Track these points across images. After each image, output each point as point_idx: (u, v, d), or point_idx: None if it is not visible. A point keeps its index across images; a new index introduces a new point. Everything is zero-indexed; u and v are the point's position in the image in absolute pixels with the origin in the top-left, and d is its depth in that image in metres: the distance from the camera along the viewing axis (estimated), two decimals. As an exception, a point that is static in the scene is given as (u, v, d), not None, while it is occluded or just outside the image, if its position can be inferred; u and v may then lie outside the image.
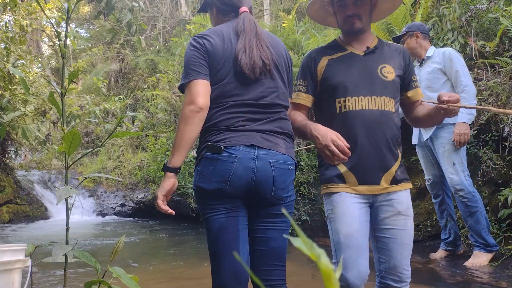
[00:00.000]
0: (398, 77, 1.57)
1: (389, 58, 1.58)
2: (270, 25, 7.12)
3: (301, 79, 1.65)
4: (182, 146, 1.34)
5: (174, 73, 8.00)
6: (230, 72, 1.39)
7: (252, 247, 1.44)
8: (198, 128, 1.35)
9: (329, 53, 1.62)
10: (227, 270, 1.39)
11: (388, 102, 1.52)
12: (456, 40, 3.84)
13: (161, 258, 3.72)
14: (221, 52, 1.40)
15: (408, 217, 1.50)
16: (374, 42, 1.62)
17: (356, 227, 1.46)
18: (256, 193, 1.37)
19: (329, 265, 0.26)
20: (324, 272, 0.27)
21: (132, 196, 7.76)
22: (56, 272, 3.05)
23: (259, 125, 1.39)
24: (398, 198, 1.50)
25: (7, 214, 6.53)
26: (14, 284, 1.15)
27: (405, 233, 1.48)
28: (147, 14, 11.46)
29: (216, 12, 1.57)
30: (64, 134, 1.15)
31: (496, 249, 2.90)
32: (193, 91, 1.34)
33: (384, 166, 1.49)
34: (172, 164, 1.35)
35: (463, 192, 2.86)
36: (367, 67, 1.55)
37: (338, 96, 1.54)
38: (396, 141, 1.53)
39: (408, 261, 1.50)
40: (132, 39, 10.81)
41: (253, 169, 1.34)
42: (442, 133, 2.98)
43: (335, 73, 1.57)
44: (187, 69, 1.38)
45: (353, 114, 1.50)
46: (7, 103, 3.67)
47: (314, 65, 1.62)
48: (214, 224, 1.38)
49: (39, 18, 6.63)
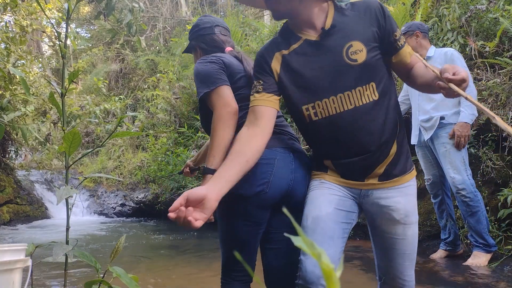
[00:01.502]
0: (374, 49, 1.20)
1: (354, 30, 1.20)
2: (270, 25, 7.12)
3: (255, 80, 1.31)
4: (223, 148, 1.35)
5: (174, 73, 8.00)
6: (246, 87, 1.49)
7: (268, 262, 1.47)
8: (234, 129, 1.38)
9: (281, 47, 1.28)
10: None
11: (366, 91, 1.20)
12: (456, 40, 3.85)
13: (161, 258, 3.72)
14: (236, 67, 1.51)
15: (407, 225, 1.27)
16: (330, 16, 1.22)
17: (328, 212, 1.24)
18: (292, 195, 1.39)
19: (330, 264, 0.27)
20: (325, 272, 0.27)
21: (133, 196, 7.76)
22: (56, 272, 3.05)
23: (283, 127, 1.48)
24: (394, 202, 1.27)
25: (7, 214, 6.53)
26: (14, 284, 1.15)
27: (404, 243, 1.28)
28: (147, 14, 11.46)
29: (201, 53, 1.66)
30: (64, 134, 1.15)
31: (495, 249, 2.91)
32: (225, 95, 1.39)
33: (369, 168, 1.25)
34: (213, 166, 1.35)
35: (465, 192, 2.86)
36: (329, 55, 1.21)
37: (304, 103, 1.25)
38: (388, 131, 1.23)
39: (410, 271, 1.33)
40: (132, 40, 10.82)
41: (291, 169, 1.38)
42: (443, 133, 2.96)
43: (292, 74, 1.25)
44: (210, 78, 1.43)
45: (324, 122, 1.23)
46: (7, 103, 3.68)
47: (267, 65, 1.30)
48: (236, 236, 1.41)
49: (40, 18, 6.63)
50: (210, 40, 1.64)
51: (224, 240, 1.47)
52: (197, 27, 1.67)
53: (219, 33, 1.65)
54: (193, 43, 1.69)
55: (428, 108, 3.04)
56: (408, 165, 1.31)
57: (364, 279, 2.75)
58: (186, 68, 7.94)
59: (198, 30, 1.66)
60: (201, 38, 1.65)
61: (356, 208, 1.32)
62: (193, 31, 1.69)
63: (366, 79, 1.19)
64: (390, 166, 1.26)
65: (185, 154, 5.95)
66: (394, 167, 1.26)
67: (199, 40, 1.66)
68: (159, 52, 10.90)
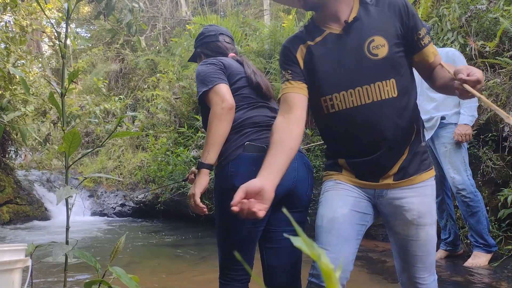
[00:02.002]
0: (396, 45, 1.21)
1: (377, 25, 1.21)
2: (270, 25, 7.12)
3: (283, 70, 1.32)
4: (217, 143, 1.38)
5: (174, 73, 8.00)
6: (247, 87, 1.55)
7: (268, 261, 1.48)
8: (230, 125, 1.41)
9: (305, 39, 1.30)
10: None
11: (386, 87, 1.20)
12: (456, 40, 3.85)
13: (161, 258, 3.72)
14: (235, 68, 1.57)
15: (420, 226, 1.24)
16: (355, 10, 1.24)
17: (343, 213, 1.24)
18: (294, 193, 1.42)
19: (330, 264, 0.26)
20: (325, 272, 0.27)
21: (132, 196, 7.76)
22: (56, 272, 3.05)
23: None
24: (407, 202, 1.25)
25: (7, 214, 6.53)
26: (14, 284, 1.15)
27: (417, 244, 1.26)
28: (147, 14, 11.46)
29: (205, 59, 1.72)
30: (64, 134, 1.15)
31: (496, 249, 2.91)
32: (221, 92, 1.43)
33: (384, 168, 1.25)
34: (208, 160, 1.39)
35: (465, 192, 2.85)
36: (350, 49, 1.22)
37: (322, 94, 1.26)
38: (403, 132, 1.23)
39: (423, 273, 1.29)
40: (132, 39, 10.82)
41: (294, 168, 1.41)
42: (444, 133, 2.96)
43: (315, 65, 1.27)
44: (209, 77, 1.48)
45: (341, 114, 1.24)
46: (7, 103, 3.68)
47: (292, 55, 1.31)
48: (236, 234, 1.41)
49: (39, 18, 6.63)
50: (215, 47, 1.71)
51: (223, 239, 1.47)
52: (203, 35, 1.75)
53: (223, 40, 1.72)
54: (198, 50, 1.76)
55: (428, 108, 3.04)
56: (425, 164, 1.28)
57: (365, 278, 2.76)
58: (186, 68, 7.94)
59: (204, 37, 1.74)
60: (205, 45, 1.73)
61: (371, 209, 1.32)
62: (199, 39, 1.76)
63: (386, 75, 1.20)
64: (405, 164, 1.25)
65: (185, 154, 5.95)
66: (409, 166, 1.25)
67: (204, 47, 1.73)
68: (159, 52, 10.90)
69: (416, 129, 1.27)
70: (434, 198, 1.30)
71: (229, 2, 11.84)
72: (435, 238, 1.29)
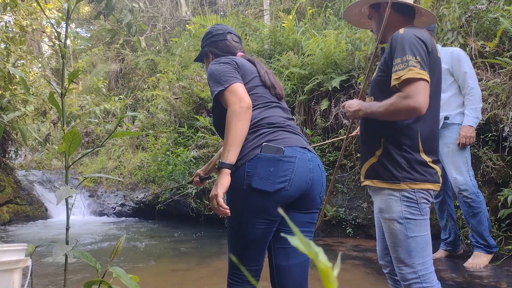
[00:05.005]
0: (380, 70, 1.50)
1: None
2: (270, 25, 7.12)
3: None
4: (237, 142, 1.37)
5: (174, 73, 8.00)
6: (260, 86, 1.55)
7: (277, 261, 1.48)
8: (248, 124, 1.40)
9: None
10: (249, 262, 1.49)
11: (372, 101, 1.54)
12: (456, 40, 3.84)
13: (161, 258, 3.72)
14: (249, 68, 1.57)
15: (383, 220, 1.50)
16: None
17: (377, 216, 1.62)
18: (308, 194, 1.43)
19: (327, 263, 0.27)
20: (322, 271, 0.27)
21: (132, 196, 7.75)
22: (56, 272, 3.05)
23: (297, 129, 1.53)
24: (374, 196, 1.55)
25: (7, 214, 6.53)
26: (14, 284, 1.15)
27: (387, 235, 1.50)
28: (147, 14, 11.46)
29: (213, 58, 1.71)
30: (64, 134, 1.15)
31: (496, 250, 2.90)
32: (238, 91, 1.42)
33: (363, 160, 1.58)
34: (229, 160, 1.36)
35: (467, 193, 2.85)
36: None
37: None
38: (373, 134, 1.53)
39: (400, 264, 1.45)
40: (132, 39, 10.83)
41: (310, 169, 1.42)
42: (447, 133, 2.94)
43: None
44: (224, 76, 1.46)
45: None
46: (7, 103, 3.68)
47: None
48: (249, 234, 1.40)
49: (39, 18, 6.63)
50: (223, 46, 1.70)
51: (235, 239, 1.44)
52: (210, 34, 1.73)
53: (231, 39, 1.72)
54: (205, 49, 1.75)
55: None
56: (391, 174, 1.45)
57: (363, 277, 2.76)
58: (186, 68, 7.94)
59: (211, 36, 1.73)
60: (214, 44, 1.72)
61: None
62: (206, 38, 1.75)
63: (371, 92, 1.58)
64: (374, 165, 1.50)
65: (185, 154, 5.95)
66: (377, 168, 1.48)
67: (212, 46, 1.72)
68: (159, 52, 10.90)
69: (383, 138, 1.51)
70: (395, 200, 1.45)
71: (229, 2, 11.84)
72: (404, 235, 1.43)
